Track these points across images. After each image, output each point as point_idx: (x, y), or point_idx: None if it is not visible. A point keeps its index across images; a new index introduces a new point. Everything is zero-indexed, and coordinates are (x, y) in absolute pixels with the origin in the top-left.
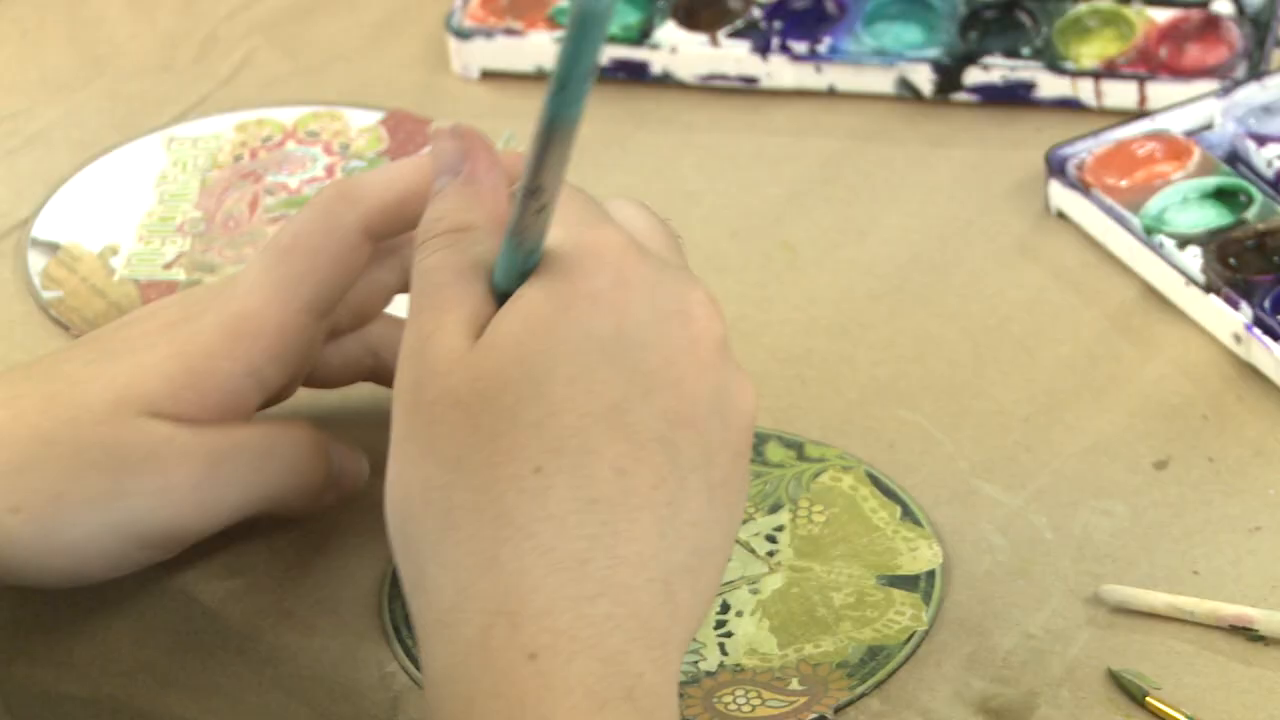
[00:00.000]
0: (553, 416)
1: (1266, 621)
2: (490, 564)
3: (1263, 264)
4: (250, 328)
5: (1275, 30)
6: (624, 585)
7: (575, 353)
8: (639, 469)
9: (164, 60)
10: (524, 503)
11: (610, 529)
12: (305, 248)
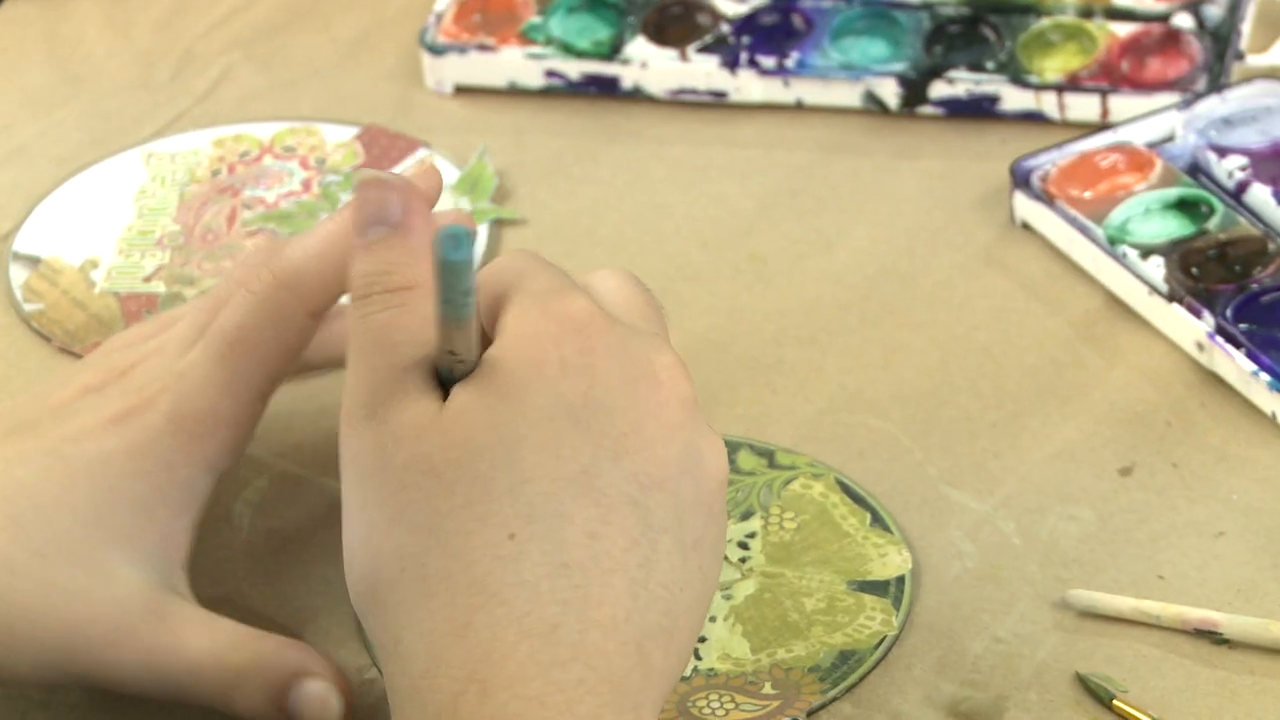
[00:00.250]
0: (526, 483)
1: (1231, 625)
2: (464, 631)
3: (1224, 273)
4: (205, 428)
5: (1235, 44)
6: (596, 649)
7: (546, 419)
8: (610, 532)
9: (142, 77)
10: (497, 569)
11: (582, 593)
12: (253, 340)
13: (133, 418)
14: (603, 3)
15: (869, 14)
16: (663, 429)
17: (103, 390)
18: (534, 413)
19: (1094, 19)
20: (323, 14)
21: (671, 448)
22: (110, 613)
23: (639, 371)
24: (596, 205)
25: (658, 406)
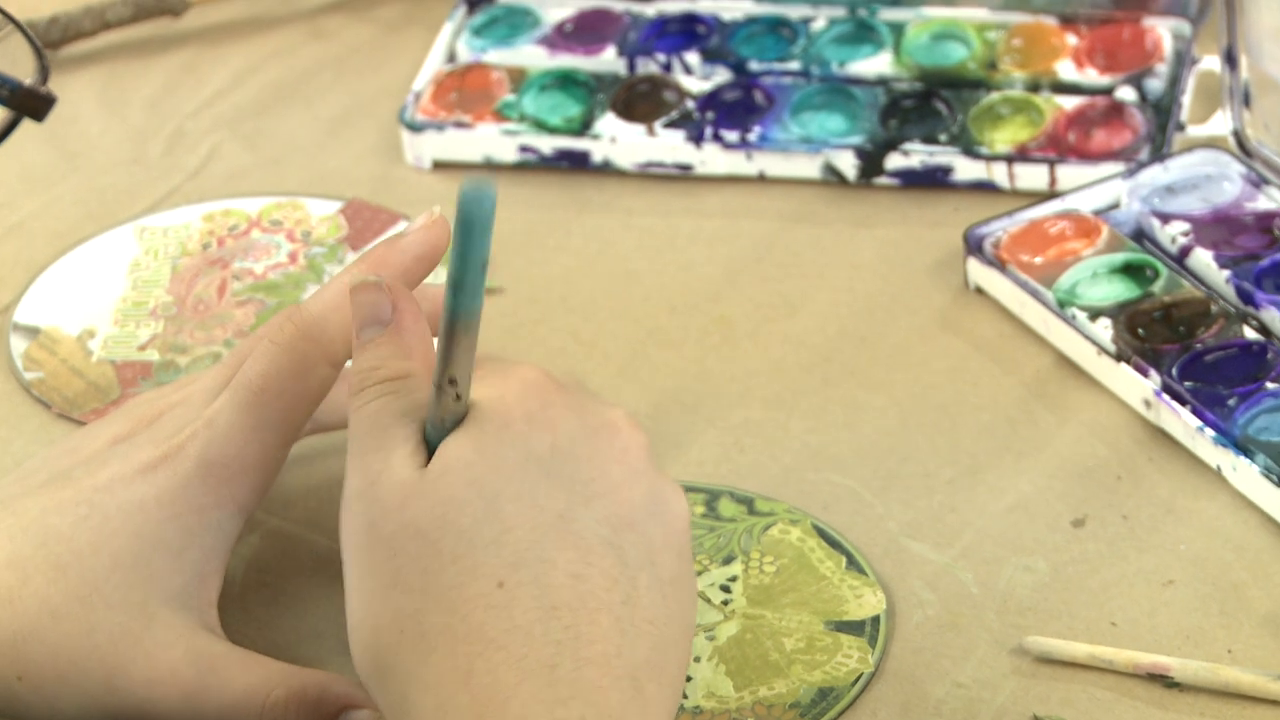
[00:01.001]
0: (507, 533)
1: (1181, 670)
2: (466, 678)
3: (1169, 334)
4: (232, 472)
5: (1176, 115)
6: (593, 685)
7: (519, 471)
8: (592, 572)
9: (134, 155)
10: (491, 618)
11: (573, 633)
12: (276, 389)
13: (163, 464)
14: (573, 81)
15: (827, 90)
16: (626, 473)
17: (132, 439)
18: (508, 465)
19: (1041, 93)
20: (305, 94)
21: (636, 490)
22: (152, 654)
23: (597, 422)
24: (570, 273)
25: (619, 452)
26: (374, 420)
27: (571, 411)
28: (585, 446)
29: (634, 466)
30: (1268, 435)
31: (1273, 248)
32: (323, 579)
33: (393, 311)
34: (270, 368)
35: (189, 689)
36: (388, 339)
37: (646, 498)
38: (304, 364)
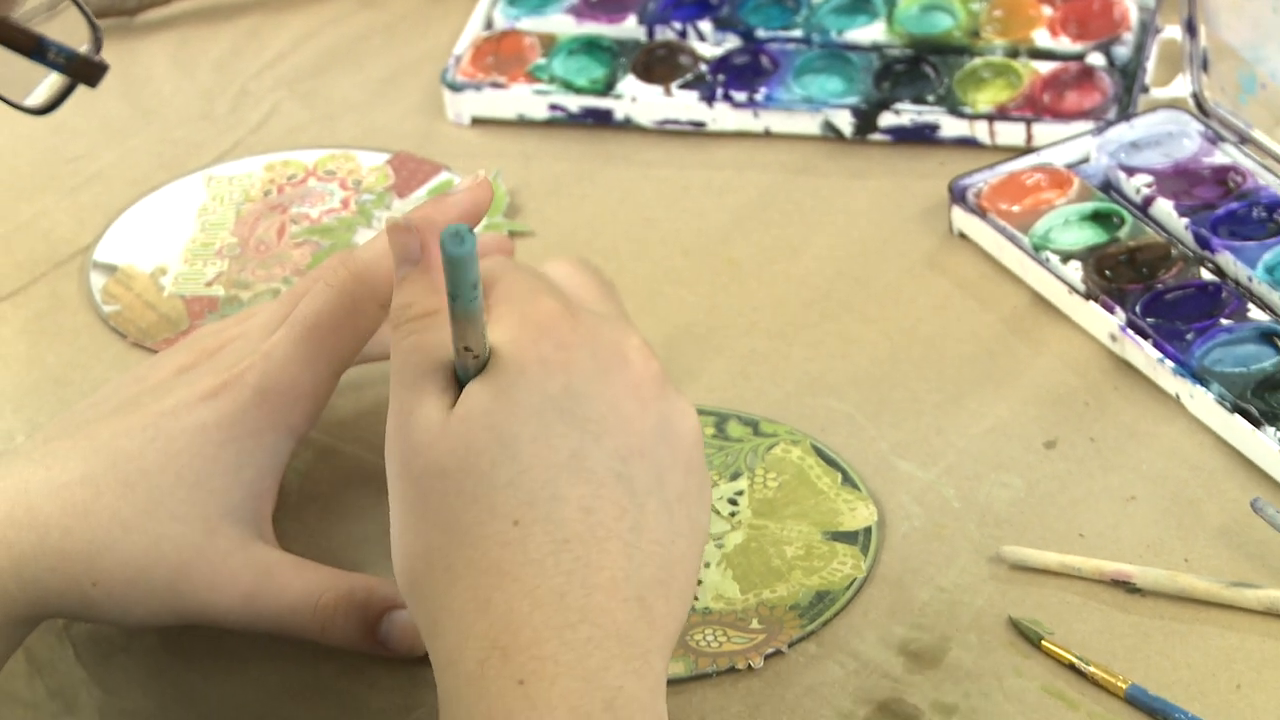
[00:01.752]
0: (523, 474)
1: (1143, 576)
2: (485, 607)
3: (1133, 275)
4: (287, 400)
5: (1141, 79)
6: (601, 609)
7: (534, 414)
8: (602, 505)
9: (203, 111)
10: (508, 553)
11: (583, 562)
12: (329, 326)
13: (224, 392)
14: (598, 46)
15: (826, 55)
16: (637, 405)
17: (195, 369)
18: (523, 410)
19: (1019, 58)
20: (357, 57)
21: (647, 420)
22: (213, 562)
23: (610, 356)
24: (594, 219)
25: (631, 387)
26: (407, 358)
27: (585, 350)
28: (597, 384)
29: (644, 397)
30: (1221, 366)
31: (1227, 198)
32: (369, 491)
33: (422, 250)
34: (324, 307)
35: (247, 593)
36: (418, 275)
37: (656, 424)
38: (354, 304)
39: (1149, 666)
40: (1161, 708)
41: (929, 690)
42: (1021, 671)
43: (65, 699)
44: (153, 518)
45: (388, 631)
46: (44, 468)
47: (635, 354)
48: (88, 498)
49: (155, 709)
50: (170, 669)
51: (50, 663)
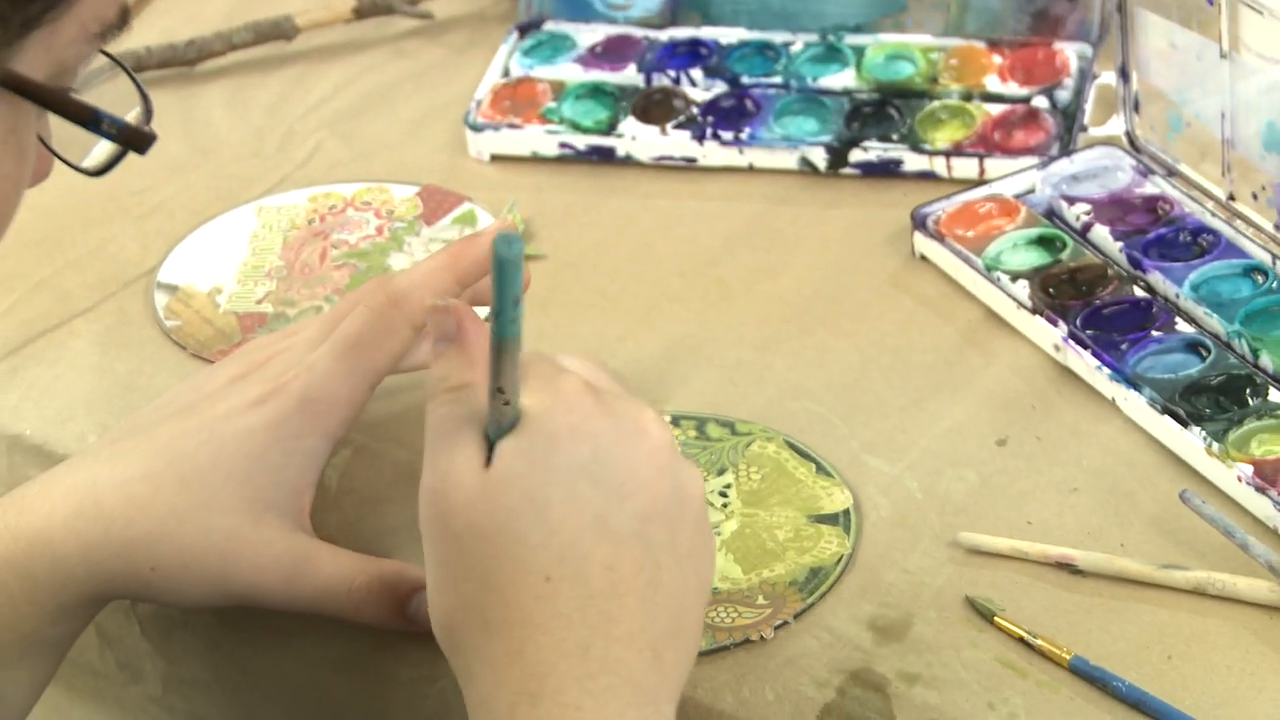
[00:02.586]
0: (554, 534)
1: (1084, 559)
2: (517, 657)
3: (1074, 292)
4: (326, 408)
5: (1080, 119)
6: (619, 660)
7: (564, 479)
8: (623, 562)
9: (254, 149)
10: (539, 607)
11: (605, 616)
12: (368, 344)
13: (270, 400)
14: (602, 92)
15: (803, 99)
16: (654, 470)
17: (246, 379)
18: (555, 475)
19: (973, 101)
20: (390, 101)
21: (663, 484)
22: (258, 549)
23: (630, 427)
24: (599, 245)
25: (648, 454)
26: (441, 424)
27: (608, 420)
28: (619, 451)
29: (660, 463)
30: (1152, 373)
31: (1157, 224)
32: (399, 485)
33: (458, 329)
34: (363, 327)
35: (287, 576)
36: (454, 353)
37: (670, 487)
38: (390, 325)
39: (1090, 640)
40: (1101, 676)
41: (895, 661)
42: (977, 644)
43: (132, 669)
44: (205, 510)
45: (416, 610)
46: (110, 465)
47: (652, 425)
48: (148, 493)
49: (211, 678)
50: (224, 642)
51: (119, 637)
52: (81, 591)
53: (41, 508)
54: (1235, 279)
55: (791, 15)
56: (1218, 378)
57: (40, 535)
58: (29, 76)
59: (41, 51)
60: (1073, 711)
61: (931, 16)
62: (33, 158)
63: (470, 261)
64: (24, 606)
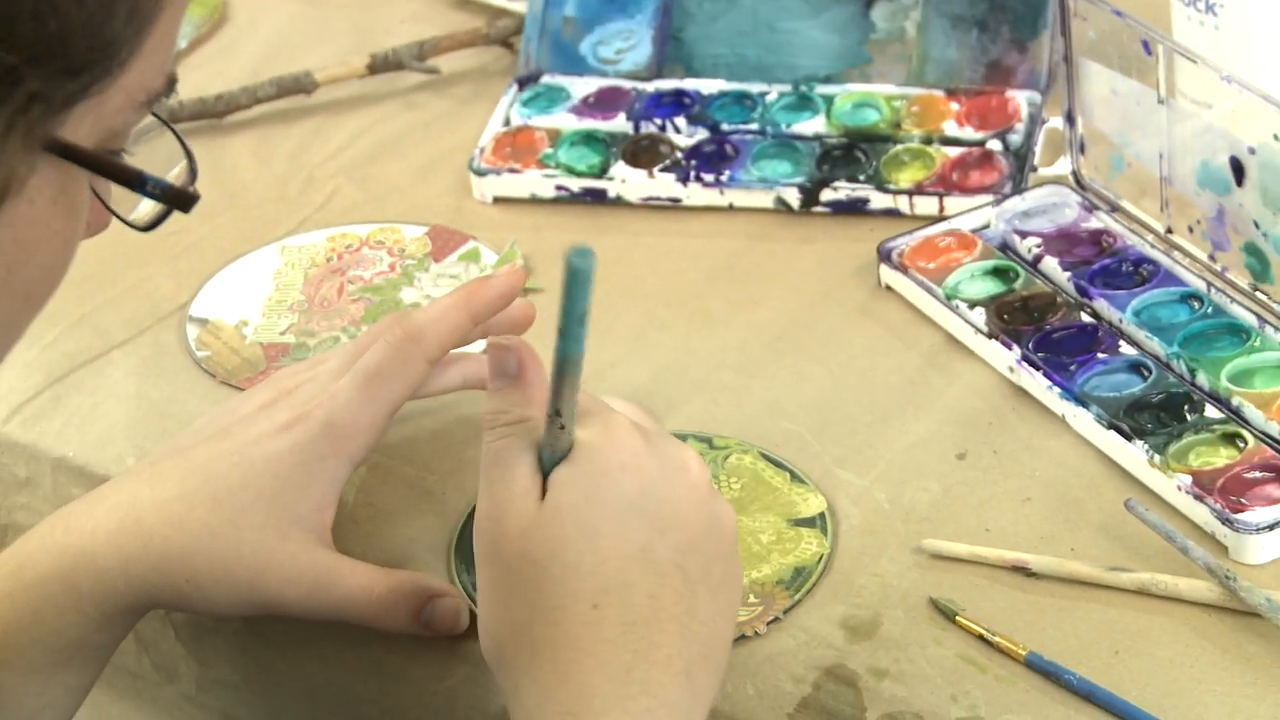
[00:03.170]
0: (603, 564)
1: (1037, 563)
2: (564, 678)
3: (1026, 319)
4: (348, 434)
5: (1030, 160)
6: (657, 683)
7: (614, 513)
8: (664, 592)
9: (278, 193)
10: (586, 632)
11: (647, 642)
12: (386, 375)
13: (296, 425)
14: (594, 138)
15: (778, 144)
16: (693, 505)
17: (274, 405)
18: (605, 508)
19: (933, 145)
20: (401, 149)
21: (701, 519)
22: (284, 563)
23: (673, 466)
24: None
25: (689, 490)
26: (499, 455)
27: (653, 458)
28: (664, 487)
29: (698, 499)
30: (1099, 391)
31: (1101, 256)
32: (412, 500)
33: (519, 367)
34: (383, 360)
35: (311, 588)
36: (514, 389)
37: (707, 521)
38: (407, 359)
39: (1044, 637)
40: (1054, 671)
41: (865, 657)
42: (940, 641)
43: (167, 670)
44: (236, 527)
45: (429, 616)
46: (149, 486)
47: (693, 463)
48: (183, 510)
49: (240, 678)
50: (252, 647)
51: (155, 642)
52: (122, 602)
53: (86, 525)
54: (1173, 305)
55: (766, 68)
56: (1158, 396)
57: (85, 550)
58: (77, 143)
59: (90, 120)
60: (1028, 703)
61: (894, 68)
62: (85, 215)
63: (483, 300)
64: (70, 615)
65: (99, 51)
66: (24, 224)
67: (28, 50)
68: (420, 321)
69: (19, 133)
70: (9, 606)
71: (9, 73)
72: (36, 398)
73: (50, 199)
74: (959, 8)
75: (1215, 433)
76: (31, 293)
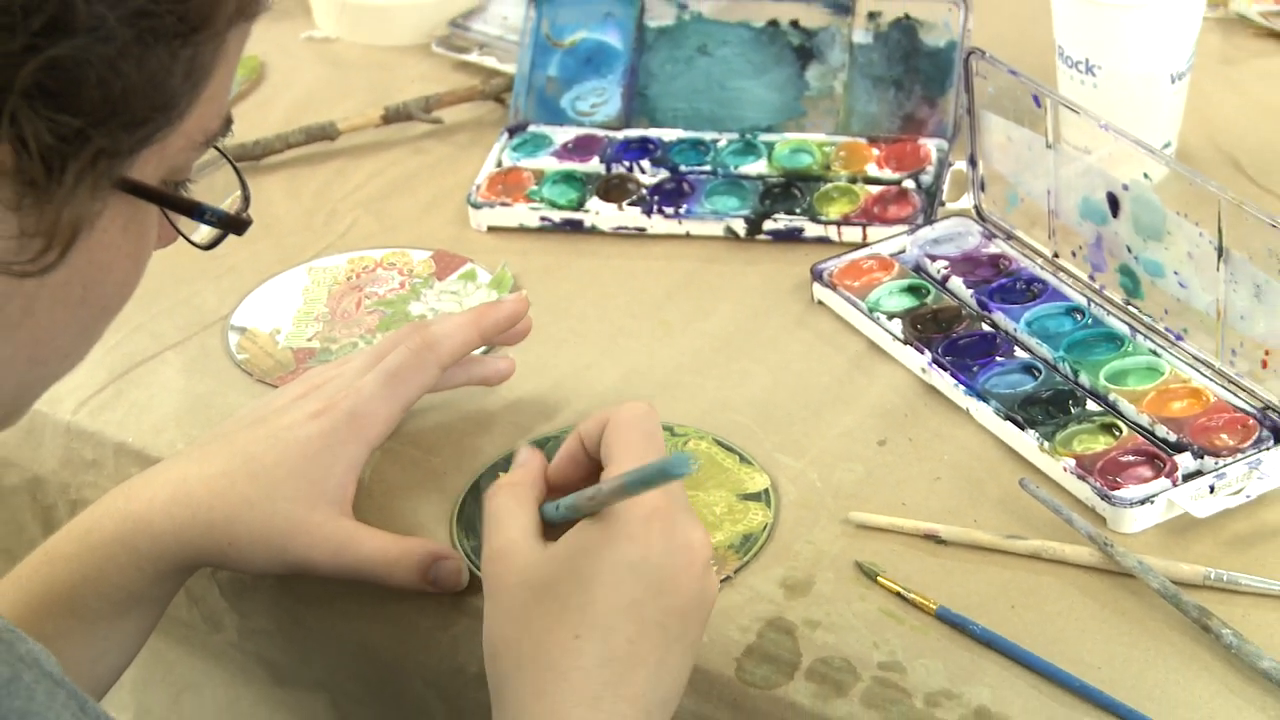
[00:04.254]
0: (591, 605)
1: (946, 532)
2: (540, 696)
3: (936, 328)
4: (369, 423)
5: (939, 196)
6: (622, 715)
7: (611, 570)
8: (644, 642)
9: (306, 224)
10: (565, 657)
11: (619, 678)
12: (404, 376)
13: (324, 414)
14: (573, 177)
15: (727, 182)
16: (690, 579)
17: (305, 397)
18: (604, 565)
19: (857, 183)
20: (411, 187)
21: (693, 589)
22: (311, 530)
23: (679, 543)
24: (570, 295)
25: (688, 564)
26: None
27: (664, 533)
28: (667, 560)
29: (696, 574)
30: (997, 389)
31: (999, 276)
32: (420, 478)
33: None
34: (402, 363)
35: (335, 551)
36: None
37: (697, 593)
38: (423, 363)
39: (951, 594)
40: (960, 622)
41: (801, 611)
42: (864, 598)
43: (213, 621)
44: (270, 499)
45: (435, 575)
46: (197, 464)
47: (699, 543)
48: (226, 485)
49: (275, 628)
50: (285, 601)
51: (202, 596)
52: (174, 560)
53: (144, 496)
54: (1059, 317)
55: (718, 119)
56: (1047, 392)
57: (143, 517)
58: (143, 181)
59: (154, 160)
60: (939, 650)
61: (825, 120)
62: (153, 237)
63: (491, 322)
64: (130, 572)
65: (159, 108)
66: (98, 249)
67: (94, 113)
68: (437, 333)
69: (88, 184)
70: (78, 565)
71: (77, 134)
72: (101, 392)
73: (121, 227)
74: (879, 70)
75: (1095, 423)
76: (107, 305)
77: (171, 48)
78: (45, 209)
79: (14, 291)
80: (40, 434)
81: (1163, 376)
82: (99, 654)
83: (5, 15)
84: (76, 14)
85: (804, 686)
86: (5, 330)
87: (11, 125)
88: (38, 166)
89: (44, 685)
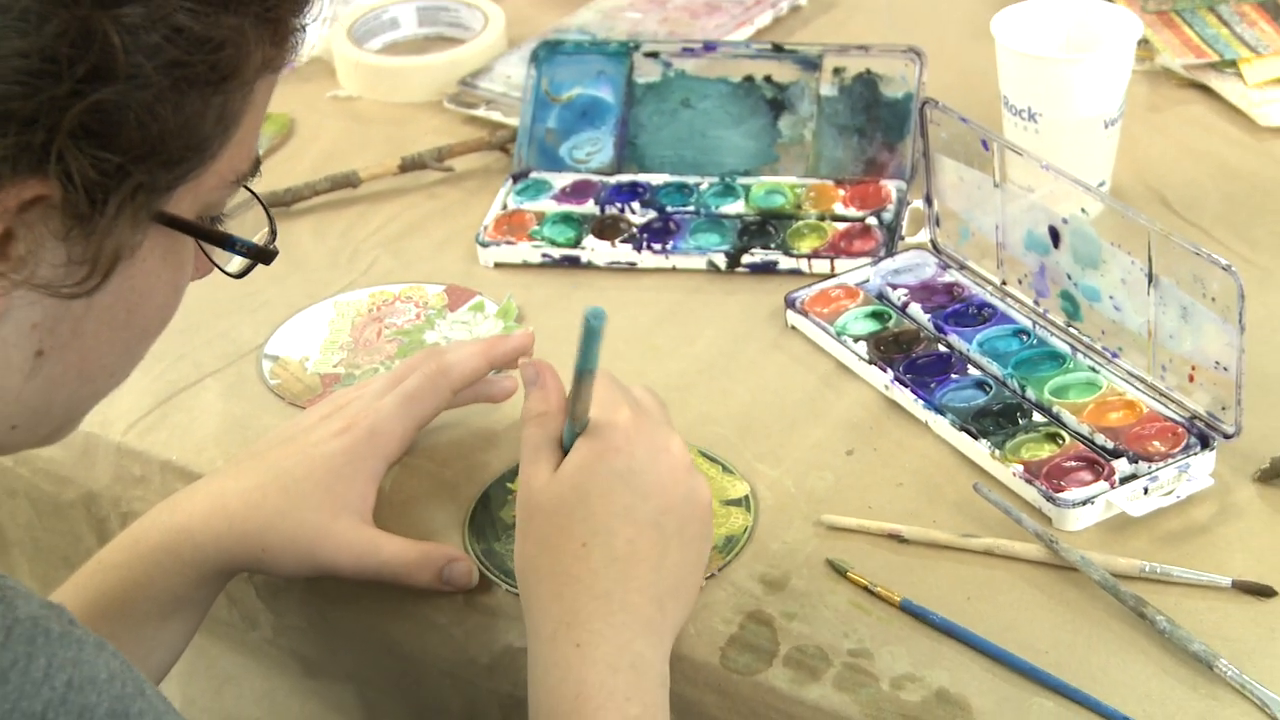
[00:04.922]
0: (592, 515)
1: (908, 532)
2: (558, 598)
3: (898, 349)
4: (387, 440)
5: (899, 231)
6: (633, 604)
7: (604, 481)
8: (642, 540)
9: (332, 262)
10: (575, 563)
11: (624, 574)
12: (420, 398)
13: (347, 432)
14: (571, 218)
15: (709, 220)
16: (673, 481)
17: (330, 417)
18: (597, 478)
19: (826, 220)
20: (425, 228)
21: (679, 489)
22: (336, 538)
23: (659, 449)
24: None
25: (670, 468)
26: (531, 441)
27: (644, 442)
28: (649, 465)
29: (678, 475)
30: (953, 403)
31: (953, 302)
32: (434, 489)
33: (538, 376)
34: (419, 386)
35: (358, 556)
36: (538, 392)
37: (685, 492)
38: (437, 387)
39: (913, 587)
40: (921, 613)
41: (778, 604)
42: (835, 592)
43: (250, 620)
44: (299, 509)
45: (449, 576)
46: (234, 479)
47: (676, 448)
48: (259, 497)
49: (306, 625)
50: (314, 600)
51: (240, 598)
52: (214, 567)
53: (186, 508)
54: (1008, 338)
55: (701, 164)
56: (998, 405)
57: (185, 527)
58: (179, 215)
59: (190, 196)
60: (903, 637)
61: (796, 164)
62: (190, 266)
63: (500, 354)
64: (175, 577)
65: (193, 148)
66: (140, 276)
67: (134, 151)
68: (451, 360)
69: (127, 216)
70: (127, 572)
71: (118, 170)
72: (148, 415)
73: (160, 256)
74: (844, 120)
75: (1041, 433)
76: (148, 328)
77: (204, 94)
78: (90, 239)
79: (64, 314)
80: (94, 453)
81: (1101, 390)
82: (148, 652)
83: (52, 63)
84: (117, 62)
85: (782, 672)
86: (57, 350)
87: (59, 162)
88: (82, 200)
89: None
